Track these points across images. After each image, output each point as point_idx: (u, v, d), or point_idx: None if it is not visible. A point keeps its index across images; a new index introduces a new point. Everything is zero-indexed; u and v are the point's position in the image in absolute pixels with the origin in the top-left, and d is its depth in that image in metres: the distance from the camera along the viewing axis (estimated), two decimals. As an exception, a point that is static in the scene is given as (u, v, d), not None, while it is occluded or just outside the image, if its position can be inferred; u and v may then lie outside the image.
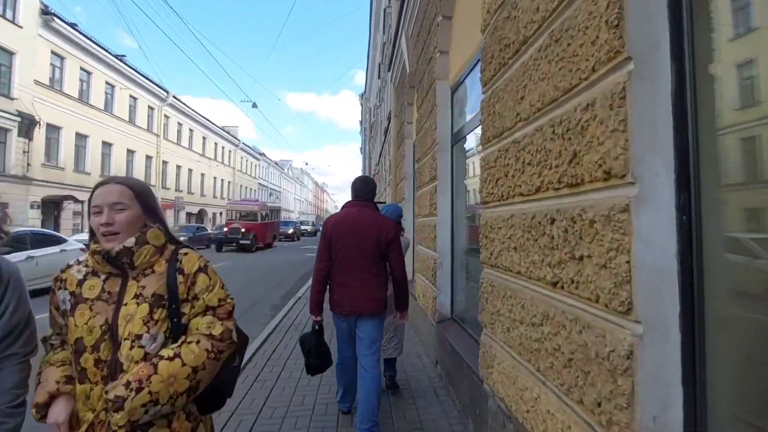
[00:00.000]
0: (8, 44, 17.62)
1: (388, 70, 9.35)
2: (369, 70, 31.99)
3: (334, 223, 2.99)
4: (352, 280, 2.87)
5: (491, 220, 2.35)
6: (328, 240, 2.96)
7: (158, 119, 30.12)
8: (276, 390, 3.91)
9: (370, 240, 2.88)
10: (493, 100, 2.33)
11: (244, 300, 8.71)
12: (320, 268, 2.95)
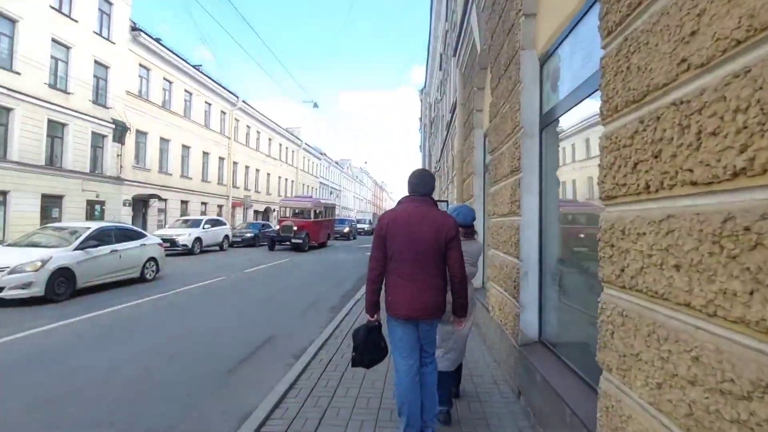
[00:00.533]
0: (104, 59, 19.26)
1: (453, 55, 8.65)
2: (429, 64, 31.20)
3: (389, 220, 2.79)
4: (409, 281, 2.70)
5: (622, 223, 1.66)
6: (382, 238, 2.78)
7: (229, 123, 31.66)
8: (330, 411, 3.44)
9: (427, 238, 2.69)
10: (625, 51, 1.64)
11: (302, 301, 8.49)
12: (374, 267, 2.79)
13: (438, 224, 2.72)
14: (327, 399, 3.68)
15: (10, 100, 14.94)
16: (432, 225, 2.72)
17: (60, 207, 17.28)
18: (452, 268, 2.74)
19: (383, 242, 2.77)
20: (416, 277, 2.69)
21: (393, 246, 2.74)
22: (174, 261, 14.81)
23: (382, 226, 2.80)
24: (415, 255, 2.70)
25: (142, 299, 8.03)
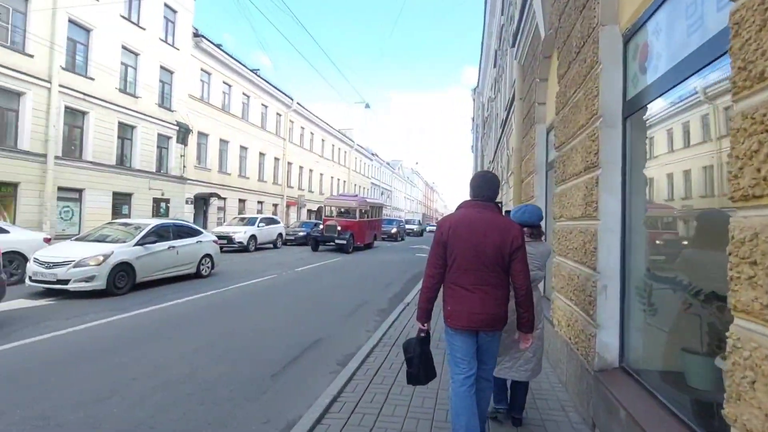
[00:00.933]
0: (169, 65, 20.33)
1: (512, 46, 8.07)
2: (482, 62, 30.20)
3: (450, 226, 2.65)
4: (470, 291, 2.57)
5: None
6: (442, 245, 2.64)
7: (285, 124, 32.47)
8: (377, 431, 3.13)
9: (490, 246, 2.55)
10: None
11: (350, 302, 8.28)
12: (432, 275, 2.67)
13: (502, 231, 2.56)
14: (372, 417, 3.37)
15: (85, 104, 16.07)
16: (496, 232, 2.56)
17: (129, 204, 18.40)
18: (517, 279, 2.58)
19: (443, 249, 2.63)
20: (478, 287, 2.56)
21: (453, 253, 2.60)
22: (230, 257, 15.26)
23: (443, 232, 2.65)
24: (476, 263, 2.56)
25: (196, 295, 8.19)
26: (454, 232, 2.62)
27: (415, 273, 13.20)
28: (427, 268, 2.72)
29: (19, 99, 14.05)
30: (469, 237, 2.58)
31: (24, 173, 14.05)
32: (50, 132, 14.54)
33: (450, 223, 2.67)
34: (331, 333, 6.11)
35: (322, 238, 19.63)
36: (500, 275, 2.59)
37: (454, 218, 2.71)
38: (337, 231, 19.36)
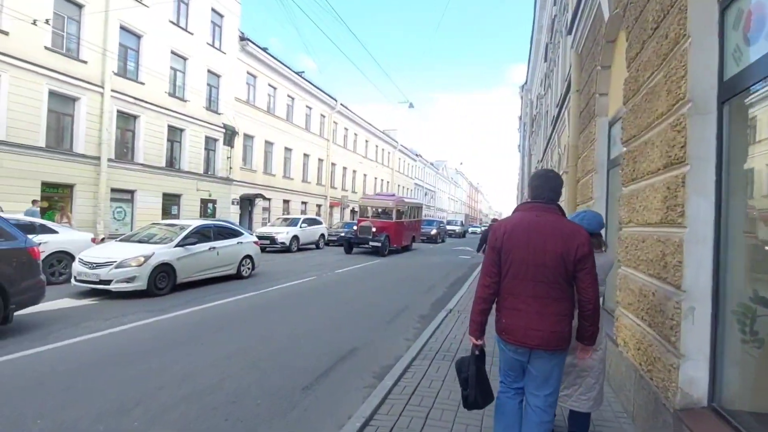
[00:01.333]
0: (216, 68, 20.91)
1: (567, 33, 7.39)
2: (531, 58, 28.94)
3: (506, 231, 2.41)
4: (526, 304, 2.33)
5: None
6: (497, 252, 2.42)
7: (328, 125, 32.71)
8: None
9: (552, 255, 2.28)
10: None
11: (391, 307, 7.91)
12: (485, 285, 2.44)
13: (566, 237, 2.29)
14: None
15: (137, 108, 16.77)
16: (558, 239, 2.29)
17: (178, 205, 19.06)
18: (584, 292, 2.30)
19: (497, 256, 2.41)
20: (536, 300, 2.31)
21: (509, 261, 2.37)
22: (272, 258, 15.37)
23: (497, 237, 2.43)
24: (534, 274, 2.31)
25: (235, 297, 8.14)
26: (509, 238, 2.38)
27: (458, 276, 12.65)
28: (481, 277, 2.48)
29: (74, 104, 14.80)
30: (527, 244, 2.33)
31: (79, 175, 14.78)
32: (103, 135, 15.24)
33: (505, 228, 2.42)
34: (369, 341, 5.78)
35: (355, 240, 18.55)
36: (563, 287, 2.31)
37: (510, 222, 2.45)
38: (371, 232, 18.20)
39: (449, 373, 4.46)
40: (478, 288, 2.48)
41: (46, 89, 13.74)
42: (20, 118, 13.01)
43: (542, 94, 21.02)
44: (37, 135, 13.49)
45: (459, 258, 19.27)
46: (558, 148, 12.16)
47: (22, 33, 12.83)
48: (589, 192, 5.51)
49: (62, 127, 14.68)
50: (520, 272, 2.35)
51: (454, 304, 7.80)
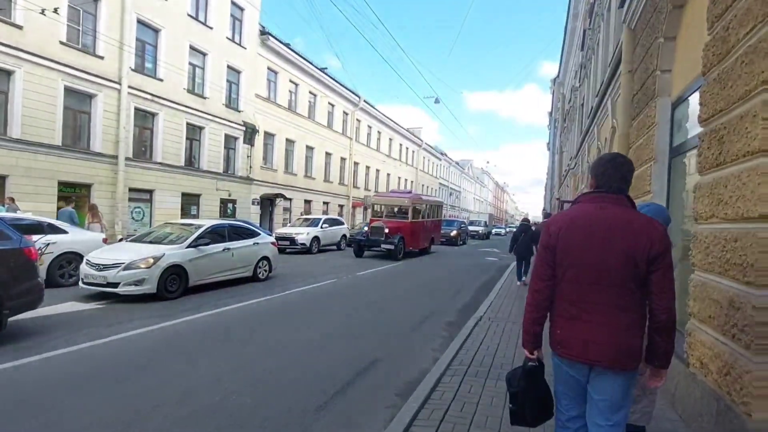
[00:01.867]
0: (236, 64, 20.66)
1: (620, 5, 6.60)
2: (565, 49, 27.72)
3: (561, 227, 2.07)
4: (588, 313, 1.97)
5: None
6: (551, 251, 2.08)
7: (351, 123, 32.22)
8: None
9: (618, 254, 1.91)
10: None
11: (415, 312, 7.30)
12: (538, 290, 2.11)
13: (637, 233, 1.92)
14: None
15: (155, 105, 16.60)
16: (628, 234, 1.93)
17: (198, 204, 18.91)
18: (659, 298, 1.92)
19: (551, 256, 2.08)
20: (599, 308, 1.97)
21: (566, 262, 2.03)
22: (291, 259, 14.96)
23: (551, 234, 2.09)
24: (598, 277, 1.96)
25: (249, 301, 7.68)
26: (566, 235, 2.03)
27: (485, 280, 11.92)
28: (533, 281, 2.16)
29: (91, 101, 14.61)
30: (588, 242, 1.98)
31: (96, 174, 14.64)
32: (121, 133, 15.06)
33: (561, 223, 2.08)
34: (391, 351, 5.21)
35: (366, 242, 16.60)
36: (633, 293, 1.94)
37: (568, 216, 2.09)
38: (384, 233, 16.18)
39: (483, 393, 3.86)
40: (530, 293, 2.16)
41: (62, 85, 13.52)
42: (36, 115, 12.84)
43: (577, 86, 20.00)
44: (54, 133, 13.32)
45: (485, 260, 18.48)
46: (597, 142, 11.28)
47: (37, 27, 12.60)
48: (645, 185, 4.77)
49: (79, 125, 14.49)
50: (580, 276, 2.00)
51: (484, 311, 7.12)
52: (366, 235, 16.67)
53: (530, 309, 2.15)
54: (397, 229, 16.63)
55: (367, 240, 16.54)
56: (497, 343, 5.29)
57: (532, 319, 2.14)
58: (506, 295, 8.68)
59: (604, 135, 10.22)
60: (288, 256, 16.14)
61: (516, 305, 7.72)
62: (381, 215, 18.18)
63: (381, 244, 16.16)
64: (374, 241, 16.34)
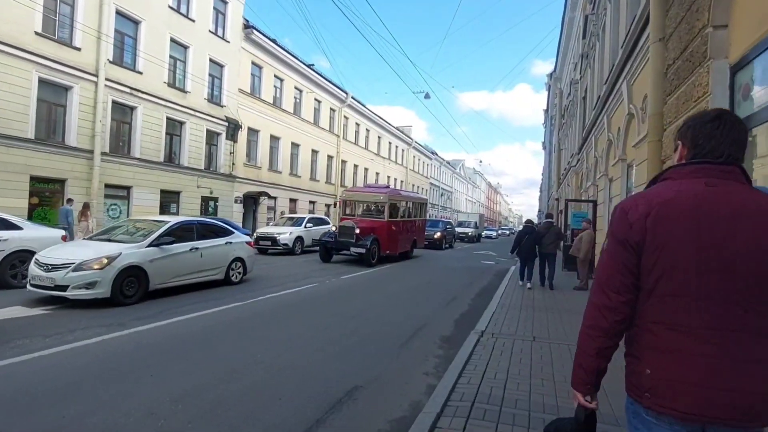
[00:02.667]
0: (219, 58, 19.70)
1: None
2: (562, 42, 27.00)
3: (650, 212, 1.33)
4: (701, 342, 1.26)
5: None
6: (632, 249, 1.35)
7: (338, 120, 31.33)
8: None
9: (754, 252, 1.24)
10: None
11: (404, 324, 6.39)
12: (609, 307, 1.37)
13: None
14: None
15: (133, 98, 15.61)
16: (760, 223, 1.24)
17: (178, 202, 17.87)
18: None
19: (634, 256, 1.34)
20: (721, 336, 1.24)
21: (663, 265, 1.29)
22: (272, 261, 14.00)
23: (632, 223, 1.35)
24: (719, 286, 1.25)
25: (215, 308, 6.73)
26: (661, 224, 1.31)
27: (483, 285, 11.08)
28: (598, 293, 1.42)
29: (66, 93, 13.74)
30: (696, 234, 1.28)
31: (71, 170, 13.72)
32: (97, 127, 14.14)
33: (649, 207, 1.34)
34: (374, 375, 4.31)
35: (334, 245, 14.09)
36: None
37: (659, 197, 1.36)
38: (354, 234, 13.65)
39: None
40: (592, 312, 1.44)
41: (36, 77, 12.74)
42: (8, 107, 12.06)
43: (577, 78, 19.25)
44: (26, 126, 12.52)
45: (481, 263, 17.64)
46: (608, 133, 10.51)
47: (11, 17, 11.91)
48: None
49: (53, 119, 13.64)
50: (686, 285, 1.29)
51: (485, 324, 6.20)
52: (334, 237, 14.18)
53: (593, 334, 1.42)
54: (371, 230, 14.23)
55: (335, 242, 14.01)
56: (506, 367, 4.38)
57: (596, 350, 1.42)
58: (510, 304, 7.78)
59: (617, 124, 9.47)
60: (269, 257, 15.20)
61: (524, 317, 6.83)
62: (354, 214, 15.91)
63: (350, 247, 13.70)
64: (343, 244, 13.85)
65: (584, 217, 12.61)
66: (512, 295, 8.80)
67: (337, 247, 14.05)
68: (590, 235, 10.26)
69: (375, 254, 13.94)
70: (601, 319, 1.40)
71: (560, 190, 29.28)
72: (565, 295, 9.12)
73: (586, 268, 10.26)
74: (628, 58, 7.95)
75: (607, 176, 11.25)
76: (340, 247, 13.95)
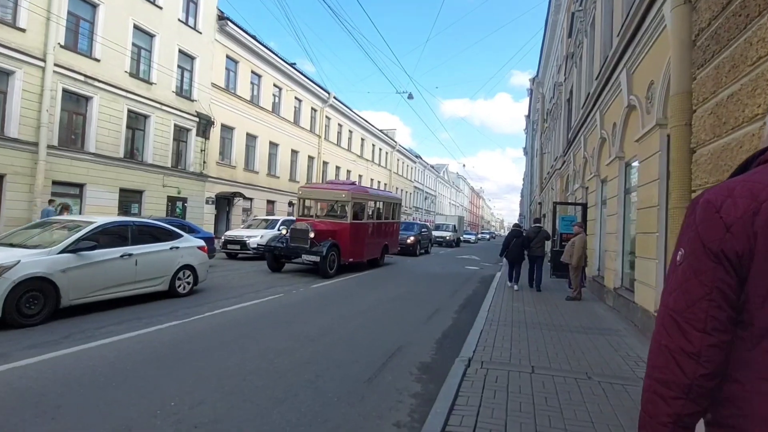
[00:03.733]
0: (190, 49, 18.40)
1: None
2: (545, 46, 26.55)
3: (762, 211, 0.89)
4: None
5: None
6: (729, 263, 0.92)
7: (320, 121, 30.22)
8: None
9: None
10: None
11: (375, 348, 5.25)
12: (693, 354, 0.92)
13: None
14: None
15: (89, 88, 14.19)
16: None
17: (140, 202, 16.48)
18: None
19: (731, 276, 0.92)
20: None
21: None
22: (240, 266, 12.77)
23: (729, 225, 0.91)
24: None
25: (146, 329, 5.52)
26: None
27: (468, 295, 10.06)
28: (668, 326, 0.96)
29: (7, 79, 12.26)
30: None
31: (11, 164, 12.24)
32: (43, 117, 12.68)
33: (757, 202, 0.89)
34: (337, 423, 3.21)
35: (284, 251, 11.69)
36: None
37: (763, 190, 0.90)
38: (308, 239, 11.37)
39: None
40: (663, 359, 0.96)
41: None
42: None
43: (561, 81, 18.73)
44: (-43, 114, 11.02)
45: (465, 269, 16.67)
46: (601, 130, 9.64)
47: None
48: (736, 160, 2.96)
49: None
50: None
51: (472, 348, 5.13)
52: (285, 242, 11.89)
53: (667, 395, 0.94)
54: (330, 234, 12.05)
55: (286, 248, 11.65)
56: (503, 414, 3.32)
57: (672, 419, 0.93)
58: (500, 320, 6.74)
59: (613, 120, 8.59)
60: (239, 262, 13.96)
61: (517, 337, 5.80)
62: (314, 214, 13.73)
63: (302, 254, 11.35)
64: (294, 250, 11.45)
65: (573, 221, 11.81)
66: (501, 307, 7.79)
67: (287, 254, 11.70)
68: (583, 240, 9.35)
69: (334, 263, 11.66)
70: (678, 372, 0.93)
71: (543, 194, 28.74)
72: (558, 307, 8.17)
73: (579, 276, 9.37)
74: (628, 44, 7.10)
75: (599, 177, 10.41)
76: (291, 255, 11.61)
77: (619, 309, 7.78)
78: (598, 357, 4.99)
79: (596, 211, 10.74)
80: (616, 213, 8.36)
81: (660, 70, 5.71)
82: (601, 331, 6.38)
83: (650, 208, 6.08)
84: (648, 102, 6.34)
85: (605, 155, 9.55)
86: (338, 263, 11.86)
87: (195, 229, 11.88)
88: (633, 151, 7.38)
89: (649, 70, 6.32)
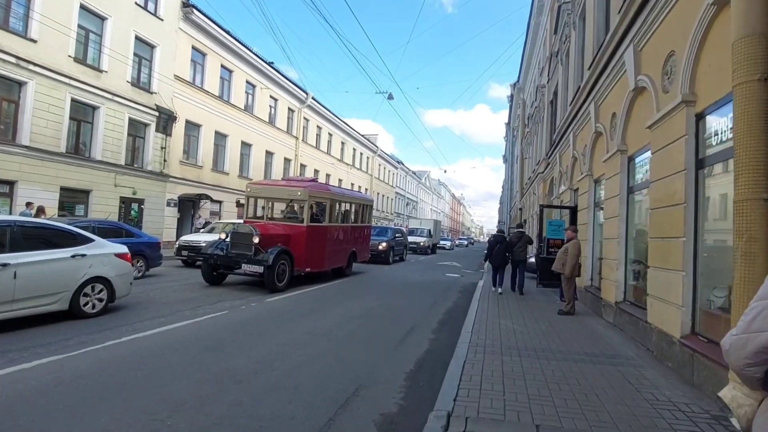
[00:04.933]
0: (149, 37, 16.88)
1: None
2: (527, 49, 25.87)
3: None
4: None
5: None
6: None
7: (298, 122, 28.84)
8: None
9: None
10: None
11: (330, 383, 3.90)
12: None
13: None
14: None
15: (23, 72, 12.53)
16: None
17: (86, 203, 14.77)
18: None
19: None
20: None
21: None
22: (190, 275, 11.18)
23: None
24: None
25: (15, 366, 4.05)
26: None
27: (448, 307, 8.77)
28: None
29: None
30: None
31: None
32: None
33: None
34: None
35: (220, 260, 9.78)
36: None
37: None
38: (251, 246, 9.53)
39: None
40: None
41: None
42: None
43: (544, 83, 17.89)
44: None
45: (445, 277, 15.40)
46: (596, 124, 8.54)
47: None
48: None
49: None
50: None
51: (453, 391, 3.81)
52: (225, 248, 9.96)
53: None
54: (280, 238, 10.18)
55: (225, 256, 9.75)
56: None
57: None
58: (486, 344, 5.44)
59: (612, 109, 7.48)
60: (197, 270, 12.35)
61: (509, 371, 4.53)
62: (265, 216, 11.77)
63: (242, 264, 9.45)
64: (234, 258, 9.58)
65: (562, 225, 10.68)
66: (486, 325, 6.50)
67: (225, 263, 9.70)
68: (577, 246, 8.16)
69: (284, 273, 9.70)
70: None
71: (524, 200, 27.91)
72: (552, 324, 6.95)
73: (572, 288, 8.20)
74: (636, 15, 6.01)
75: (592, 176, 9.31)
76: (229, 264, 9.66)
77: (623, 327, 6.61)
78: (618, 401, 3.74)
79: (588, 214, 9.61)
80: (617, 215, 7.21)
81: (686, 34, 4.57)
82: (609, 359, 5.15)
83: (672, 207, 4.91)
84: (667, 78, 5.20)
85: (600, 151, 8.47)
86: (290, 274, 9.91)
87: (133, 233, 10.29)
88: (641, 142, 6.25)
89: (667, 39, 5.20)
